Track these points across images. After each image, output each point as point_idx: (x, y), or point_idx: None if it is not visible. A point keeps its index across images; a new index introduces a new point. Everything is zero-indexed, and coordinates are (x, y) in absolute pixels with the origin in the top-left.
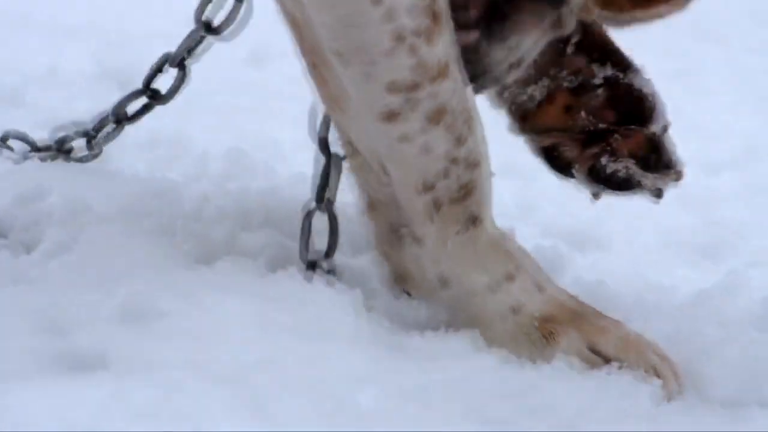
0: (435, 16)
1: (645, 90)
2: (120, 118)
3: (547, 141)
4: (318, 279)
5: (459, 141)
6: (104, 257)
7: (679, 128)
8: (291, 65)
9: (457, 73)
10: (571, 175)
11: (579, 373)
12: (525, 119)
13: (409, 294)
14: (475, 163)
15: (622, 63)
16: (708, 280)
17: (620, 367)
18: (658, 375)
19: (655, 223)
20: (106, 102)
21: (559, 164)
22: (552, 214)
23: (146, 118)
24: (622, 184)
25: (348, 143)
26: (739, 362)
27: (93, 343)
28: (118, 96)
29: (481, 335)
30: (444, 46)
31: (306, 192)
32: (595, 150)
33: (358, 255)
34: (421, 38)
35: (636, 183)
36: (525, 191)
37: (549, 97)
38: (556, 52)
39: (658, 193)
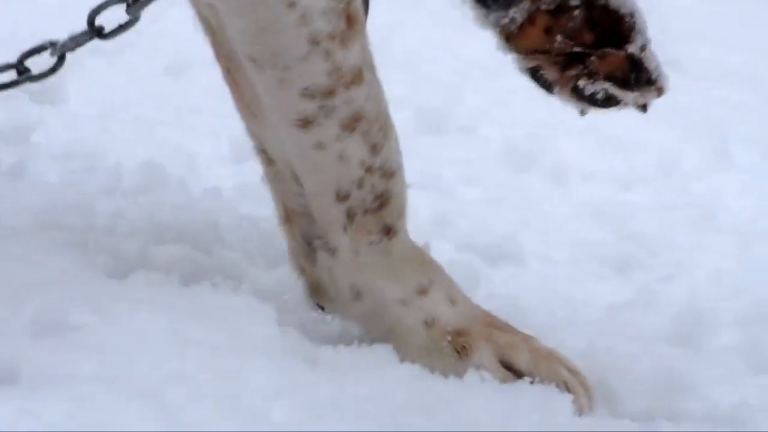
0: (350, 20)
1: (623, 10)
2: None
3: (531, 63)
4: (232, 292)
5: (375, 149)
6: (15, 270)
7: (594, 143)
8: (208, 77)
9: (372, 79)
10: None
11: (492, 387)
12: (509, 41)
13: (323, 309)
14: (390, 173)
15: None
16: (620, 295)
17: (532, 382)
18: (569, 389)
19: (569, 238)
20: None
21: (544, 85)
22: (467, 229)
23: (61, 130)
24: (605, 103)
25: (262, 151)
26: (651, 377)
27: (2, 358)
28: None
29: (394, 349)
30: (359, 51)
31: (221, 206)
32: (574, 72)
33: (272, 269)
34: (336, 42)
35: (617, 101)
36: (440, 205)
37: (530, 19)
38: None
39: (643, 108)
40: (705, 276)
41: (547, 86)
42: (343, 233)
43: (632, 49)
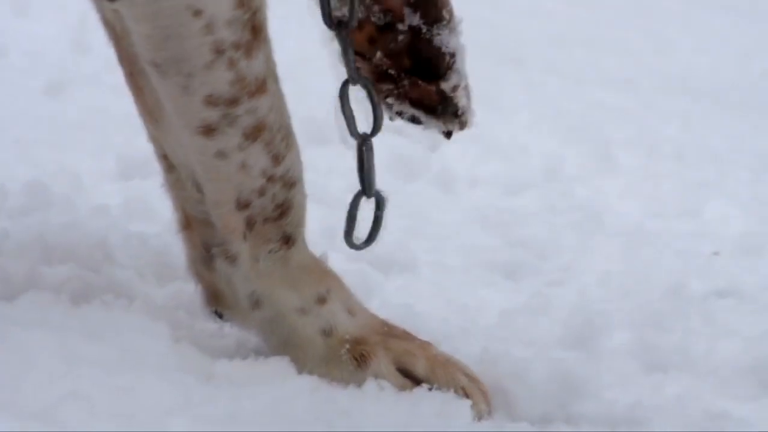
0: (255, 30)
1: (445, 49)
2: None
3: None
4: (124, 310)
5: (277, 159)
6: None
7: (480, 149)
8: (89, 95)
9: (276, 90)
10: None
11: (391, 395)
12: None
13: (221, 316)
14: (292, 183)
15: (432, 16)
16: (512, 300)
17: (431, 389)
18: (467, 395)
19: (458, 244)
20: None
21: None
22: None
23: None
24: (410, 120)
25: (163, 157)
26: (546, 380)
27: None
28: None
29: (292, 360)
30: (263, 61)
31: (109, 224)
32: (385, 87)
33: (163, 285)
34: (241, 52)
35: (421, 122)
36: (329, 216)
37: (359, 24)
38: None
39: (447, 134)
40: (594, 279)
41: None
42: (242, 241)
43: (444, 86)
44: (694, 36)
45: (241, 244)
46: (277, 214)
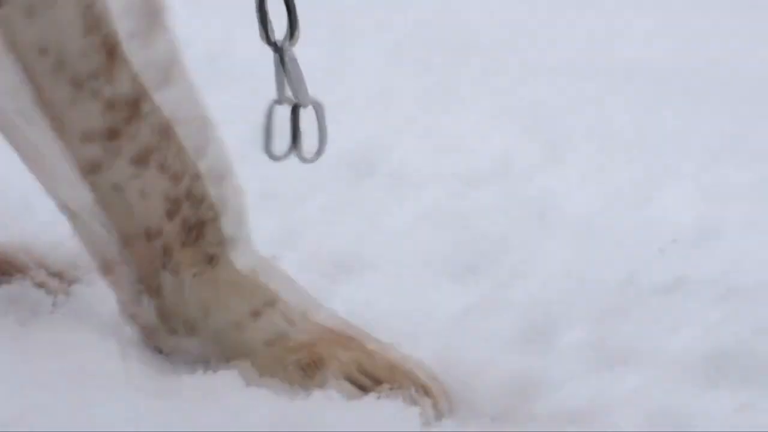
0: (110, 54)
1: None
2: None
3: None
4: (71, 329)
5: (176, 178)
6: None
7: (438, 143)
8: None
9: (152, 108)
10: None
11: (342, 403)
12: None
13: (162, 352)
14: (199, 199)
15: None
16: (467, 300)
17: (391, 389)
18: (428, 394)
19: (416, 242)
20: None
21: None
22: (314, 241)
23: None
24: None
25: (64, 206)
26: (508, 376)
27: None
28: None
29: (241, 373)
30: (129, 83)
31: (53, 241)
32: None
33: (113, 301)
34: (101, 80)
35: None
36: (280, 221)
37: None
38: None
39: None
40: (547, 275)
41: None
42: (162, 271)
43: None
44: (645, 27)
45: (164, 276)
46: (193, 237)
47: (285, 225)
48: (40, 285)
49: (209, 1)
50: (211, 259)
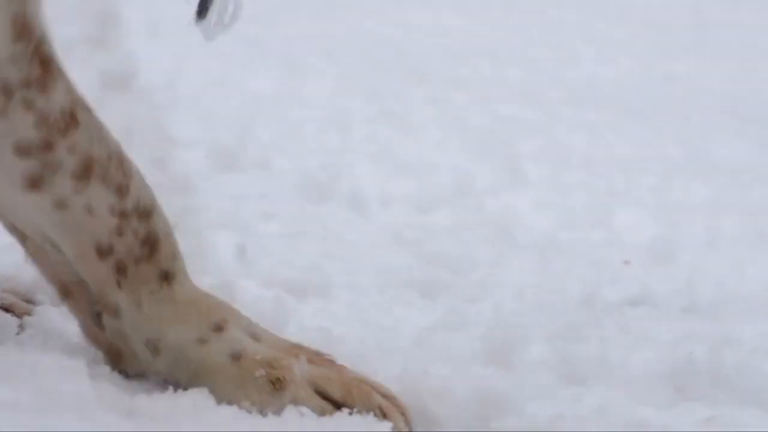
0: (44, 64)
1: None
2: None
3: None
4: (39, 350)
5: (120, 191)
6: None
7: (391, 168)
8: None
9: (90, 119)
10: None
11: (311, 420)
12: None
13: (128, 374)
14: (147, 212)
15: None
16: (428, 318)
17: (350, 413)
18: (386, 415)
19: (373, 265)
20: None
21: None
22: (270, 264)
23: None
24: None
25: (13, 229)
26: (467, 397)
27: None
28: None
29: (210, 390)
30: (64, 93)
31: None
32: None
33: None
34: (34, 89)
35: None
36: (242, 243)
37: None
38: None
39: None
40: (508, 293)
41: None
42: (118, 290)
43: None
44: (597, 47)
45: (119, 294)
46: (146, 252)
47: (240, 252)
48: (7, 308)
49: (167, 31)
50: (166, 276)
